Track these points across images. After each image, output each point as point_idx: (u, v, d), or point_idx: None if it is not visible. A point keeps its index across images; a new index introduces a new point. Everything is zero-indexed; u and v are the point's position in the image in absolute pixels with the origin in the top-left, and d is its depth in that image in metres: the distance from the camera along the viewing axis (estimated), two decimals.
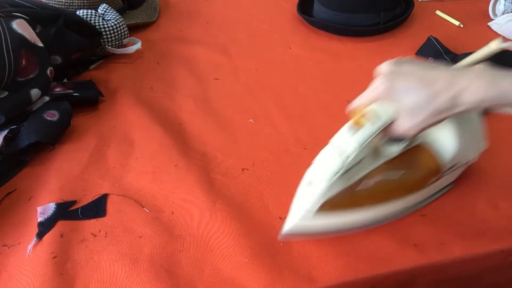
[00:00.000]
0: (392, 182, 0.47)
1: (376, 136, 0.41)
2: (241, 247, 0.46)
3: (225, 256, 0.46)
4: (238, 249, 0.46)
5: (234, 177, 0.55)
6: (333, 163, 0.42)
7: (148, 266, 0.45)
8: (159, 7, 0.98)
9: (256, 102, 0.69)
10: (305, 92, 0.71)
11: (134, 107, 0.67)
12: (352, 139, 0.41)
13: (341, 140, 0.42)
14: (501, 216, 0.49)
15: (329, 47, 0.83)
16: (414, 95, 0.39)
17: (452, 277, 0.48)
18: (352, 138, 0.41)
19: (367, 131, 0.41)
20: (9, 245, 0.47)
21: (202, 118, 0.65)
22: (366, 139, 0.41)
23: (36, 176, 0.56)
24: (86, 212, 0.51)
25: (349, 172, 0.42)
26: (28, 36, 0.62)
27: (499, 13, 0.89)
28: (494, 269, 0.49)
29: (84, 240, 0.48)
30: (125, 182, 0.55)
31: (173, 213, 0.51)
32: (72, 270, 0.45)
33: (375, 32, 0.86)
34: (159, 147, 0.59)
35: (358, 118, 0.42)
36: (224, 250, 0.46)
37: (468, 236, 0.47)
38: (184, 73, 0.76)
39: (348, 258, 0.45)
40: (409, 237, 0.47)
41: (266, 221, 0.49)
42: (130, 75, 0.76)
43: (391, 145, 0.46)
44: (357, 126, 0.41)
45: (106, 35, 0.77)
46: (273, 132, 0.63)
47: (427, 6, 0.96)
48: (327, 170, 0.42)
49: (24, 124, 0.59)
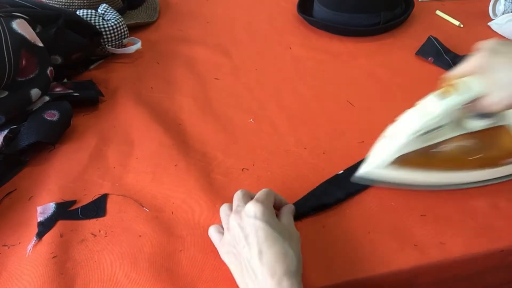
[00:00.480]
0: (467, 153, 0.49)
1: (462, 107, 0.44)
2: None
3: None
4: None
5: (234, 177, 0.55)
6: (415, 122, 0.46)
7: (148, 266, 0.45)
8: (159, 7, 0.98)
9: (256, 102, 0.69)
10: (305, 92, 0.71)
11: (134, 107, 0.67)
12: (438, 104, 0.44)
13: (427, 103, 0.46)
14: (501, 216, 0.49)
15: (329, 47, 0.83)
16: (507, 72, 0.41)
17: (452, 277, 0.48)
18: (438, 103, 0.44)
19: (454, 100, 0.44)
20: (9, 245, 0.47)
21: (202, 118, 0.65)
22: (452, 107, 0.44)
23: (36, 176, 0.56)
24: (86, 212, 0.51)
25: (428, 134, 0.46)
26: (28, 36, 0.62)
27: (499, 13, 0.89)
28: (494, 269, 0.49)
29: (84, 240, 0.48)
30: (125, 182, 0.55)
31: (173, 213, 0.51)
32: (72, 270, 0.45)
33: (375, 32, 0.86)
34: (159, 147, 0.60)
35: (448, 87, 0.44)
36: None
37: (468, 236, 0.47)
38: (184, 73, 0.76)
39: (348, 258, 0.45)
40: (409, 237, 0.47)
41: None
42: (130, 75, 0.76)
43: (475, 120, 0.48)
44: (446, 94, 0.44)
45: (106, 35, 0.77)
46: (273, 132, 0.63)
47: (427, 6, 0.96)
48: (409, 127, 0.46)
49: (24, 124, 0.59)
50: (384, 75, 0.74)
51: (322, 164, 0.57)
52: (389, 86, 0.71)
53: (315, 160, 0.57)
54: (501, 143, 0.50)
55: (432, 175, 0.50)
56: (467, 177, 0.51)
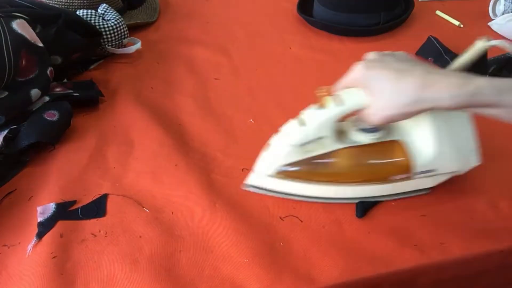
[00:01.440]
0: (351, 166, 0.49)
1: (342, 118, 0.45)
2: (241, 247, 0.46)
3: (225, 256, 0.46)
4: (238, 249, 0.46)
5: (234, 177, 0.55)
6: (293, 133, 0.47)
7: (148, 266, 0.45)
8: (159, 7, 0.98)
9: (256, 102, 0.69)
10: (305, 92, 0.71)
11: (134, 107, 0.67)
12: (316, 114, 0.46)
13: (306, 114, 0.47)
14: (501, 216, 0.49)
15: (329, 47, 0.83)
16: (384, 84, 0.40)
17: (452, 277, 0.48)
18: (316, 113, 0.46)
19: (329, 111, 0.45)
20: (9, 245, 0.47)
21: (202, 118, 0.65)
22: (328, 119, 0.45)
23: (36, 176, 0.56)
24: (86, 212, 0.51)
25: (308, 145, 0.47)
26: (28, 36, 0.62)
27: (499, 13, 0.89)
28: (494, 269, 0.49)
29: (84, 240, 0.48)
30: (125, 182, 0.55)
31: (173, 213, 0.51)
32: (72, 270, 0.45)
33: (375, 32, 0.86)
34: (159, 147, 0.59)
35: (325, 97, 0.45)
36: (224, 250, 0.46)
37: (468, 236, 0.47)
38: (184, 73, 0.76)
39: (348, 258, 0.45)
40: (409, 237, 0.47)
41: (266, 221, 0.49)
42: (130, 75, 0.76)
43: (363, 133, 0.48)
44: (324, 105, 0.45)
45: (106, 35, 0.77)
46: (273, 132, 0.62)
47: (427, 6, 0.96)
48: (288, 137, 0.48)
49: (24, 124, 0.59)
50: None
51: None
52: None
53: None
54: (391, 156, 0.49)
55: (316, 188, 0.50)
56: (358, 191, 0.50)
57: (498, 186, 0.53)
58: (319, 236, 0.48)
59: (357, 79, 0.42)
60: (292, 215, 0.50)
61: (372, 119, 0.42)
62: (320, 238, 0.47)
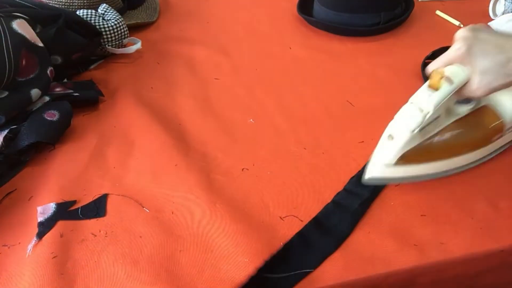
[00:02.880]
0: (461, 139, 0.52)
1: (451, 97, 0.46)
2: (241, 247, 0.46)
3: (225, 256, 0.46)
4: (238, 249, 0.46)
5: (234, 177, 0.55)
6: (413, 119, 0.47)
7: (148, 266, 0.45)
8: (159, 7, 0.98)
9: (256, 102, 0.69)
10: (305, 92, 0.71)
11: (134, 107, 0.67)
12: (430, 99, 0.46)
13: (421, 99, 0.47)
14: (501, 216, 0.49)
15: (329, 47, 0.83)
16: (488, 59, 0.44)
17: (452, 277, 0.48)
18: (430, 97, 0.46)
19: (444, 91, 0.46)
20: (9, 245, 0.47)
21: (202, 118, 0.65)
22: (443, 99, 0.46)
23: (36, 176, 0.56)
24: (86, 212, 0.51)
25: (425, 128, 0.48)
26: (28, 36, 0.62)
27: (499, 13, 0.89)
28: (494, 269, 0.49)
29: (84, 240, 0.48)
30: (125, 182, 0.55)
31: (173, 213, 0.51)
32: (72, 270, 0.45)
33: (375, 32, 0.86)
34: (159, 147, 0.60)
35: (436, 79, 0.46)
36: (224, 250, 0.46)
37: (468, 236, 0.47)
38: (184, 73, 0.76)
39: (348, 258, 0.45)
40: (409, 237, 0.47)
41: (266, 221, 0.49)
42: (130, 75, 0.76)
43: (461, 105, 0.51)
44: (435, 86, 0.46)
45: (106, 35, 0.77)
46: (273, 132, 0.63)
47: (427, 6, 0.96)
48: (408, 125, 0.47)
49: (24, 124, 0.59)
50: (384, 75, 0.74)
51: (322, 164, 0.57)
52: (389, 86, 0.71)
53: (315, 160, 0.57)
54: (486, 121, 0.53)
55: (434, 166, 0.52)
56: (468, 159, 0.53)
57: (498, 186, 0.53)
58: None
59: (459, 56, 0.46)
60: (292, 215, 0.50)
61: (477, 93, 0.46)
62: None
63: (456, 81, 0.46)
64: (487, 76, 0.44)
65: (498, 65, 0.43)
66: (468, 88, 0.46)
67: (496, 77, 0.44)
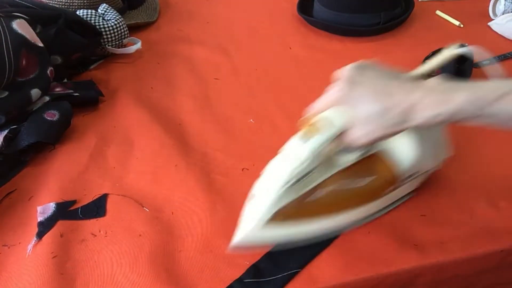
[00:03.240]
0: (346, 192, 0.46)
1: (329, 144, 0.40)
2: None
3: (225, 256, 0.46)
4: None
5: (234, 177, 0.55)
6: (284, 172, 0.40)
7: (148, 266, 0.45)
8: (159, 7, 0.98)
9: (256, 102, 0.69)
10: (305, 92, 0.71)
11: (134, 107, 0.67)
12: (304, 147, 0.40)
13: (293, 149, 0.41)
14: (501, 216, 0.49)
15: (329, 47, 0.83)
16: (368, 106, 0.39)
17: (452, 277, 0.48)
18: (304, 146, 0.40)
19: (319, 139, 0.40)
20: (9, 245, 0.47)
21: (202, 118, 0.65)
22: (319, 147, 0.40)
23: (36, 176, 0.56)
24: (86, 212, 0.51)
25: (301, 182, 0.41)
26: (28, 36, 0.62)
27: (499, 13, 0.89)
28: (493, 269, 0.49)
29: (84, 240, 0.48)
30: (125, 182, 0.55)
31: (173, 213, 0.51)
32: (72, 270, 0.45)
33: (375, 32, 0.86)
34: (159, 147, 0.60)
35: (311, 125, 0.41)
36: (224, 250, 0.46)
37: (468, 236, 0.47)
38: (184, 73, 0.76)
39: (348, 258, 0.45)
40: (409, 237, 0.47)
41: None
42: (130, 75, 0.76)
43: (345, 154, 0.45)
44: (310, 134, 0.40)
45: (106, 35, 0.77)
46: (273, 132, 0.63)
47: (427, 6, 0.96)
48: (278, 179, 0.41)
49: (24, 124, 0.59)
50: None
51: None
52: None
53: None
54: (377, 171, 0.46)
55: (317, 223, 0.45)
56: (355, 215, 0.47)
57: (498, 186, 0.53)
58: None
59: (340, 98, 0.41)
60: None
61: (359, 142, 0.41)
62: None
63: (333, 127, 0.40)
64: (367, 125, 0.39)
65: (377, 113, 0.38)
66: (349, 136, 0.40)
67: (376, 126, 0.39)
